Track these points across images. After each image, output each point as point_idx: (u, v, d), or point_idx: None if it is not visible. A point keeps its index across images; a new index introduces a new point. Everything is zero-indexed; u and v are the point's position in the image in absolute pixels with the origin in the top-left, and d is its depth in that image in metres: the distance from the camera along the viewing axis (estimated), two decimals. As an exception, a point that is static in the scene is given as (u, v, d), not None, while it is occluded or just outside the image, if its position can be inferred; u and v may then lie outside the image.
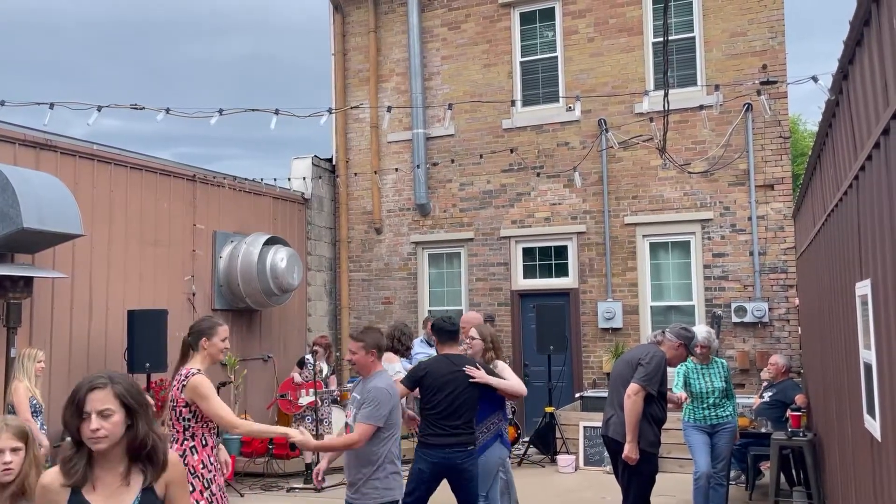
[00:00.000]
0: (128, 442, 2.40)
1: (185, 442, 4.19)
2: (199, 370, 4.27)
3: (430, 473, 5.15)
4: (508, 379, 5.62)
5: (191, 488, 4.08)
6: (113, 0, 72.65)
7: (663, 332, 5.89)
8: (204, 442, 4.24)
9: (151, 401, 4.35)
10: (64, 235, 7.45)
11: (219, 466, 4.34)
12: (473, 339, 5.86)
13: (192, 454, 4.18)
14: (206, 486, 4.17)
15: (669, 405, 6.43)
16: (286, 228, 11.77)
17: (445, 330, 5.54)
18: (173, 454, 2.56)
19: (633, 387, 5.45)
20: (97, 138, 9.07)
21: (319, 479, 4.90)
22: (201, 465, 4.19)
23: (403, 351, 7.06)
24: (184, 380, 4.20)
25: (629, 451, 5.44)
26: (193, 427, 4.23)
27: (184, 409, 4.20)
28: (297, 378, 9.36)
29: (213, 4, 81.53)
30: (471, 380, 5.24)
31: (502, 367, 5.75)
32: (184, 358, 4.41)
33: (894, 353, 2.84)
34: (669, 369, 5.81)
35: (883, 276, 3.03)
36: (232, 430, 4.25)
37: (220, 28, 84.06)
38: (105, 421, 2.35)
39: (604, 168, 11.16)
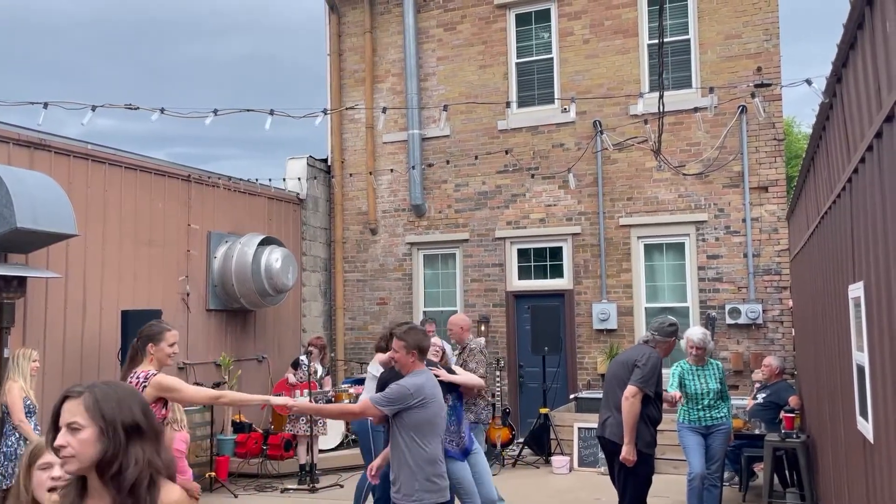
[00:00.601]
0: (97, 467, 1.93)
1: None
2: (155, 371, 4.27)
3: None
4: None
5: None
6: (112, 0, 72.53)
7: (652, 335, 5.88)
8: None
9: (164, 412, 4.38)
10: (58, 235, 7.43)
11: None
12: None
13: None
14: None
15: (666, 405, 6.46)
16: (281, 229, 11.76)
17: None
18: (173, 492, 2.01)
19: (630, 389, 5.46)
20: (92, 138, 9.05)
21: (373, 474, 4.97)
22: None
23: None
24: (144, 382, 4.21)
25: (627, 452, 5.45)
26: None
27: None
28: (292, 379, 9.35)
29: (211, 4, 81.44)
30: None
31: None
32: (132, 362, 4.40)
33: (887, 356, 2.85)
34: (665, 370, 5.83)
35: (876, 279, 3.04)
36: (217, 401, 4.35)
37: (218, 28, 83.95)
38: (72, 436, 1.91)
39: (599, 169, 11.18)
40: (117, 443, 1.92)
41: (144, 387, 4.18)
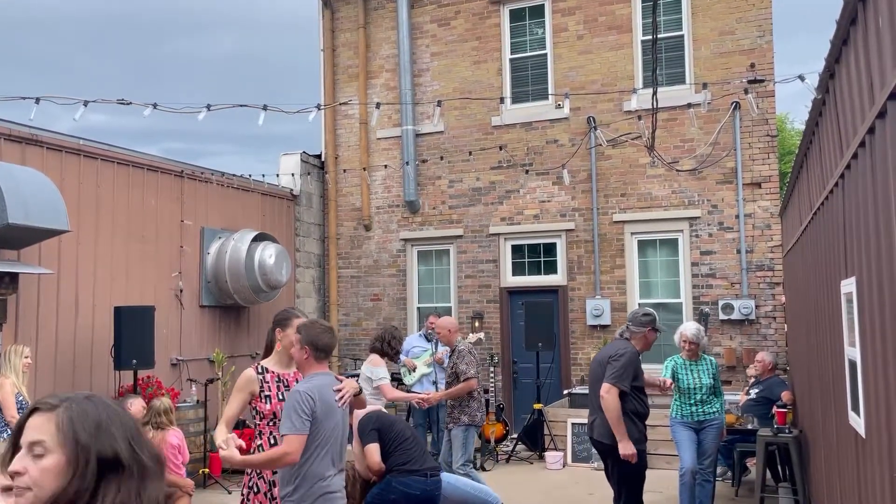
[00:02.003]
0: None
1: (255, 440, 4.15)
2: (255, 366, 4.26)
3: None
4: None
5: (256, 489, 4.04)
6: (100, -6, 72.12)
7: (627, 328, 5.85)
8: (271, 441, 4.04)
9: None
10: (50, 231, 7.39)
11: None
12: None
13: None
14: (270, 488, 4.04)
15: (656, 391, 6.46)
16: (275, 225, 11.73)
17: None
18: None
19: (604, 386, 5.42)
20: (84, 133, 9.03)
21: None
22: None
23: (392, 355, 7.05)
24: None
25: (623, 449, 5.39)
26: (259, 425, 4.12)
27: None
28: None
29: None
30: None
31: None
32: (268, 350, 4.34)
33: (879, 351, 2.87)
34: (658, 365, 5.82)
35: (868, 274, 3.05)
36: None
37: (209, 24, 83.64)
38: (33, 462, 1.44)
39: (592, 166, 11.19)
40: (86, 478, 1.43)
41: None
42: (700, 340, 6.75)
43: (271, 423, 4.05)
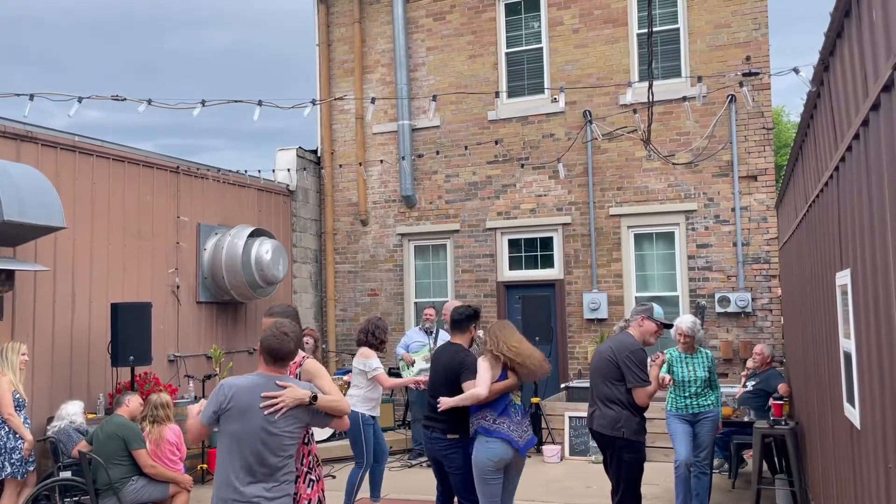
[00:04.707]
0: None
1: (307, 431, 4.14)
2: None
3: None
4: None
5: (315, 477, 4.11)
6: (94, -10, 71.84)
7: (626, 321, 5.90)
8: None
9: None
10: (46, 228, 7.38)
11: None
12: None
13: (312, 442, 4.18)
14: (319, 476, 4.19)
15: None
16: (271, 220, 11.72)
17: (456, 319, 5.62)
18: None
19: (638, 393, 5.47)
20: (79, 130, 9.01)
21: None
22: (315, 454, 4.18)
23: (377, 345, 7.07)
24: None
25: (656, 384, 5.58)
26: None
27: None
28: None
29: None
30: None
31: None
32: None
33: (873, 342, 2.88)
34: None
35: (862, 266, 3.06)
36: None
37: (204, 19, 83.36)
38: None
39: (589, 159, 11.19)
40: None
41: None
42: (695, 333, 6.76)
43: None
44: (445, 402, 5.19)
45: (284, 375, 3.81)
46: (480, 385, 5.11)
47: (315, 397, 3.69)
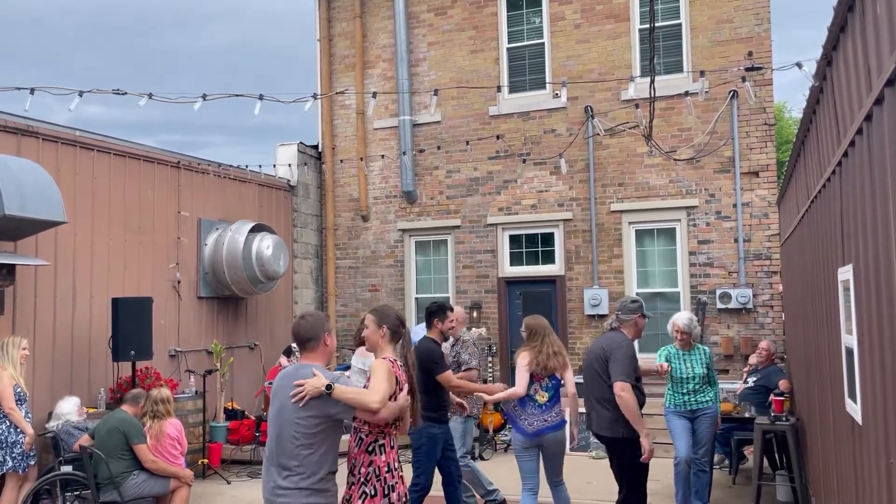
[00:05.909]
0: None
1: (375, 440, 3.87)
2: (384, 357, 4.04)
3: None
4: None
5: (372, 492, 3.78)
6: (95, -14, 71.71)
7: (617, 317, 5.81)
8: (392, 443, 3.91)
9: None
10: (47, 223, 7.38)
11: (401, 474, 3.94)
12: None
13: (380, 454, 3.85)
14: (386, 493, 3.81)
15: (654, 377, 6.49)
16: (272, 215, 11.72)
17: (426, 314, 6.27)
18: None
19: (617, 385, 5.35)
20: (79, 125, 9.00)
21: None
22: (386, 468, 3.84)
23: None
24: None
25: (645, 444, 5.31)
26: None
27: None
28: (285, 363, 9.35)
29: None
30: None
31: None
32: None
33: (875, 338, 2.87)
34: (652, 354, 5.83)
35: (864, 262, 3.06)
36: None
37: (204, 15, 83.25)
38: None
39: (590, 155, 11.17)
40: None
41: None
42: (692, 330, 6.75)
43: (395, 425, 4.00)
44: (493, 398, 6.17)
45: (316, 364, 3.80)
46: (519, 386, 5.85)
47: (330, 386, 3.65)
